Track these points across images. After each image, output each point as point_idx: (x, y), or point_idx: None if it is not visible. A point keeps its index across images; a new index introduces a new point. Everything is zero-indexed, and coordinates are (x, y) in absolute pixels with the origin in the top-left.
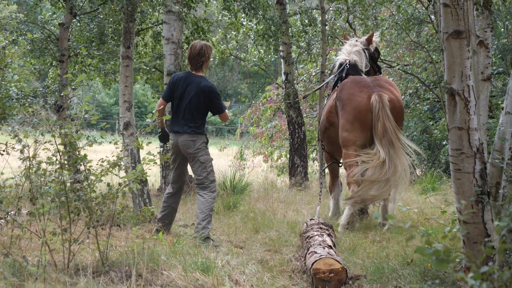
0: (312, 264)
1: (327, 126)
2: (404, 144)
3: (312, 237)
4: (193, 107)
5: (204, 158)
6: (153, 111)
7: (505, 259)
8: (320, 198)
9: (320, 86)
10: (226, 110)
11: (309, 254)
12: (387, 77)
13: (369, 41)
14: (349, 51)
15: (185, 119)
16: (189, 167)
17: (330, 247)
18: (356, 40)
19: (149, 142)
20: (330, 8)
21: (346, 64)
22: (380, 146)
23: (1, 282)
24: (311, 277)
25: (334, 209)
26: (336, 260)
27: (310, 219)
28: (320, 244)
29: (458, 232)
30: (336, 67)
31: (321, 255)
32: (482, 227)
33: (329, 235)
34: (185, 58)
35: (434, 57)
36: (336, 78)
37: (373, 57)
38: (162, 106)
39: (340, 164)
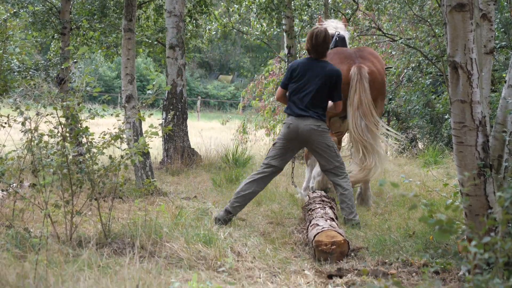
0: (314, 236)
1: None
2: (377, 120)
3: (314, 209)
4: (319, 91)
5: (331, 142)
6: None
7: (507, 230)
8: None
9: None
10: None
11: (311, 226)
12: (390, 51)
13: (345, 26)
14: (335, 26)
15: (311, 104)
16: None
17: (332, 219)
18: (337, 22)
19: (151, 114)
20: None
21: (336, 36)
22: (352, 118)
23: (4, 254)
24: (313, 249)
25: (308, 178)
26: (338, 233)
27: (313, 192)
28: (322, 217)
29: (461, 204)
30: None
31: (323, 227)
32: (484, 199)
33: (331, 207)
34: (188, 31)
35: (437, 30)
36: None
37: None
38: (282, 95)
39: None
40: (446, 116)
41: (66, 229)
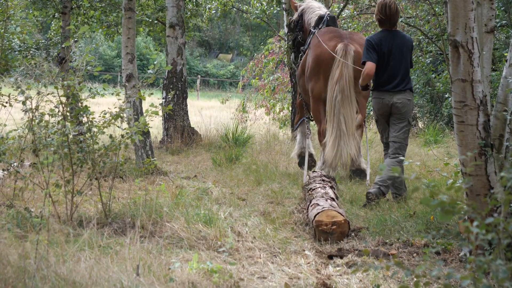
0: (315, 216)
1: (300, 74)
2: (354, 98)
3: (314, 189)
4: (405, 63)
5: (410, 120)
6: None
7: (510, 210)
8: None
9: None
10: None
11: (311, 206)
12: None
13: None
14: (318, 6)
15: (402, 77)
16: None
17: (332, 199)
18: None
19: (151, 94)
20: None
21: (327, 16)
22: (329, 91)
23: (5, 233)
24: (313, 229)
25: (298, 148)
26: (338, 213)
27: (313, 171)
28: (322, 196)
29: (463, 184)
30: (314, 19)
31: (323, 207)
32: (485, 179)
33: (331, 187)
34: (188, 10)
35: (437, 9)
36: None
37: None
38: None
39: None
40: (447, 95)
41: (67, 208)
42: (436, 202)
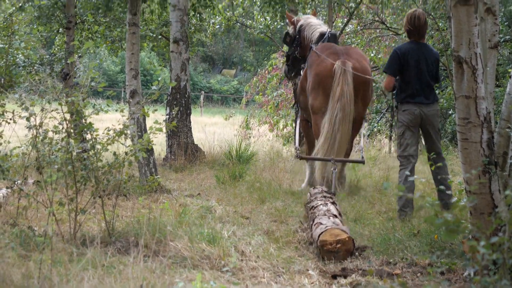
0: (319, 236)
1: (300, 91)
2: (351, 116)
3: (316, 207)
4: (431, 75)
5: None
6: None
7: None
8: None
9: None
10: None
11: (314, 225)
12: (393, 44)
13: None
14: (318, 23)
15: (429, 88)
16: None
17: (335, 216)
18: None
19: (155, 110)
20: None
21: (328, 33)
22: (330, 109)
23: (8, 253)
24: (318, 249)
25: (309, 179)
26: (342, 230)
27: (313, 188)
28: (325, 214)
29: (467, 203)
30: (315, 36)
31: (326, 226)
32: (489, 197)
33: (333, 203)
34: (192, 25)
35: (440, 24)
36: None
37: None
38: (392, 82)
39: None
40: (450, 112)
41: (70, 227)
42: (440, 221)
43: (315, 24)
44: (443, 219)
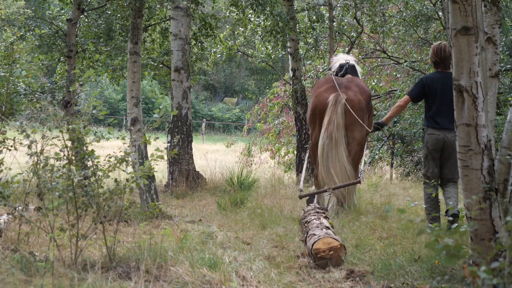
0: (312, 245)
1: (308, 122)
2: (341, 143)
3: (310, 221)
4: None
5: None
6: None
7: None
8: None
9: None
10: None
11: (308, 237)
12: (395, 73)
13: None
14: (345, 58)
15: (451, 116)
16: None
17: (327, 228)
18: (347, 55)
19: (157, 138)
20: (338, 5)
21: (346, 64)
22: (321, 137)
23: (9, 278)
24: (312, 256)
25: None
26: (334, 238)
27: (307, 206)
28: (317, 226)
29: (468, 228)
30: (336, 67)
31: (319, 236)
32: (490, 223)
33: (325, 217)
34: (193, 53)
35: None
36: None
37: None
38: (405, 104)
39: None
40: None
41: (71, 252)
42: (441, 246)
43: (340, 58)
44: (443, 244)
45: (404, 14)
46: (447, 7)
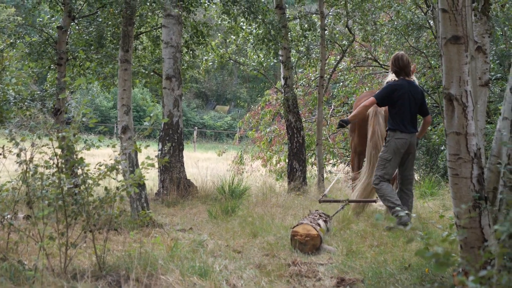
0: (293, 227)
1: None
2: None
3: (306, 217)
4: (416, 109)
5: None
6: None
7: (503, 263)
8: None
9: None
10: None
11: (296, 225)
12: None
13: (412, 72)
14: (392, 78)
15: (414, 120)
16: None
17: (318, 224)
18: None
19: (148, 146)
20: (330, 13)
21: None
22: (368, 147)
23: None
24: (290, 237)
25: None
26: (313, 227)
27: (316, 210)
28: (310, 220)
29: (457, 237)
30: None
31: (302, 222)
32: (479, 232)
33: (324, 220)
34: (184, 61)
35: (432, 62)
36: None
37: None
38: (370, 106)
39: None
40: (442, 148)
41: (61, 261)
42: (431, 253)
43: (390, 76)
44: (433, 252)
45: (395, 23)
46: (437, 16)
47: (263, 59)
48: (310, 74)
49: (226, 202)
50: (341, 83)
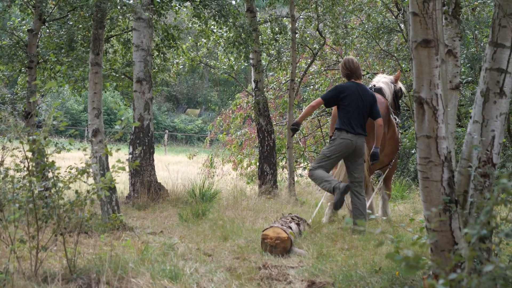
0: (263, 230)
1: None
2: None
3: (277, 220)
4: (366, 112)
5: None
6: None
7: (473, 266)
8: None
9: None
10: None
11: (267, 228)
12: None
13: (396, 79)
14: (378, 80)
15: (362, 122)
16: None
17: (289, 227)
18: (385, 76)
19: (118, 149)
20: (301, 16)
21: (372, 87)
22: None
23: None
24: (260, 241)
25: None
26: (283, 230)
27: (288, 214)
28: (281, 223)
29: (428, 240)
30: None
31: (273, 225)
32: (449, 235)
33: (297, 223)
34: (155, 64)
35: (403, 65)
36: None
37: (396, 93)
38: (317, 106)
39: None
40: (413, 151)
41: (32, 264)
42: (401, 257)
43: (374, 80)
44: (403, 256)
45: (366, 26)
46: (408, 19)
47: (234, 63)
48: (281, 78)
49: (197, 206)
50: (312, 87)
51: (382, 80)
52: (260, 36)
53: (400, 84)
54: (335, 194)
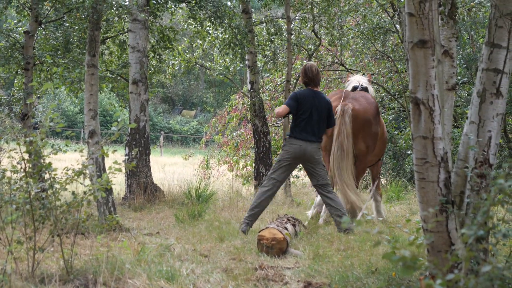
0: (259, 231)
1: None
2: (350, 152)
3: (273, 221)
4: (321, 119)
5: (323, 162)
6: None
7: (470, 267)
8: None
9: None
10: None
11: (263, 229)
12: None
13: (369, 80)
14: (359, 80)
15: (317, 129)
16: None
17: (285, 228)
18: (360, 76)
19: (115, 150)
20: (296, 18)
21: (359, 86)
22: (332, 149)
23: None
24: (257, 242)
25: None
26: (279, 231)
27: (284, 215)
28: (276, 224)
29: (424, 241)
30: (349, 88)
31: (268, 226)
32: (446, 235)
33: (293, 224)
34: (151, 66)
35: (399, 66)
36: None
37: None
38: (284, 113)
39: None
40: (409, 152)
41: (29, 265)
42: (397, 257)
43: (354, 80)
44: (400, 256)
45: (362, 27)
46: (404, 20)
47: (229, 64)
48: (277, 79)
49: (193, 207)
50: None
51: (363, 81)
52: (255, 37)
53: (370, 86)
54: (240, 227)
